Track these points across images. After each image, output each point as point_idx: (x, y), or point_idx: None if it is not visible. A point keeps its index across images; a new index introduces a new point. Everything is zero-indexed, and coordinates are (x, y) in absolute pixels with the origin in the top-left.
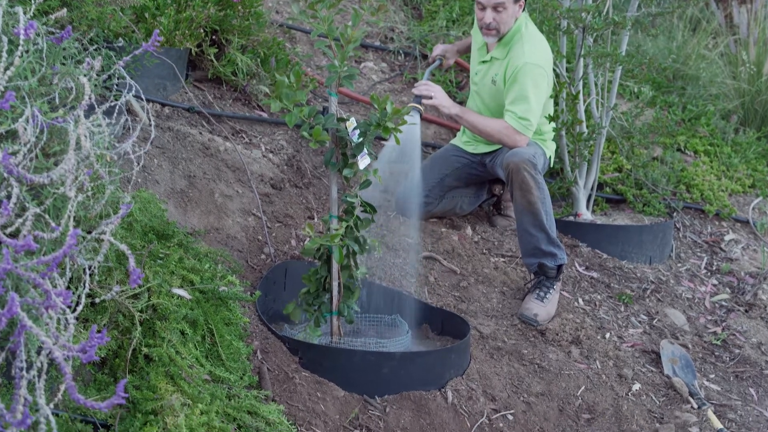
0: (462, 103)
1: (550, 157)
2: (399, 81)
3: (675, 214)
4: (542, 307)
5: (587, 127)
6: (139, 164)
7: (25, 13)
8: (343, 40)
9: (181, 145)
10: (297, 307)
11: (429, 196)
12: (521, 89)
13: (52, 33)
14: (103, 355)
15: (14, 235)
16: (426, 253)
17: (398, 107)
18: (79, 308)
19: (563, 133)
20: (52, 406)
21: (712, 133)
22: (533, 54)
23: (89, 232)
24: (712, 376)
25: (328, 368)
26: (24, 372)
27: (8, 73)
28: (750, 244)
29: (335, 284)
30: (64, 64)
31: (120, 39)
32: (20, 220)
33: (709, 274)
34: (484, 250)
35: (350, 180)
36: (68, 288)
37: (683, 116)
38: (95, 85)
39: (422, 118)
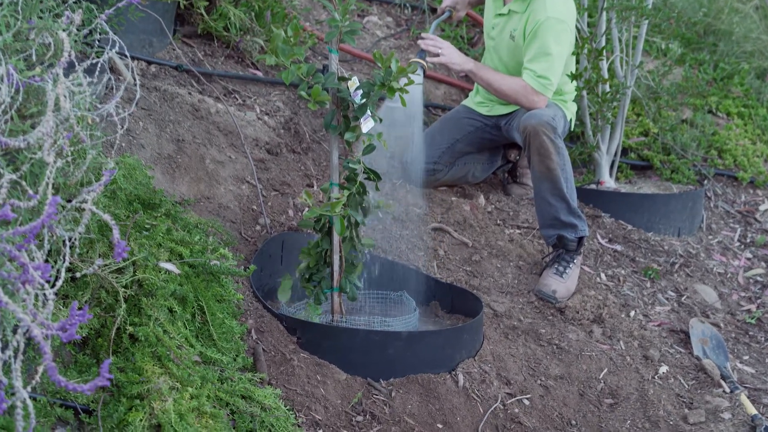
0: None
1: (570, 120)
2: (405, 37)
3: (706, 181)
4: (561, 283)
5: (610, 87)
6: (123, 127)
7: None
8: None
9: (169, 107)
10: (285, 288)
11: (438, 162)
12: (542, 46)
13: None
14: (84, 335)
15: None
16: (435, 224)
17: (404, 66)
18: (59, 283)
19: (585, 93)
20: (29, 389)
21: (747, 93)
22: (555, 8)
23: (69, 201)
24: (746, 357)
25: (328, 349)
26: None
27: None
28: None
29: (336, 258)
30: (41, 17)
31: None
32: None
33: (742, 246)
34: (499, 221)
35: (352, 144)
36: (47, 261)
37: (715, 75)
38: (75, 41)
39: (429, 77)
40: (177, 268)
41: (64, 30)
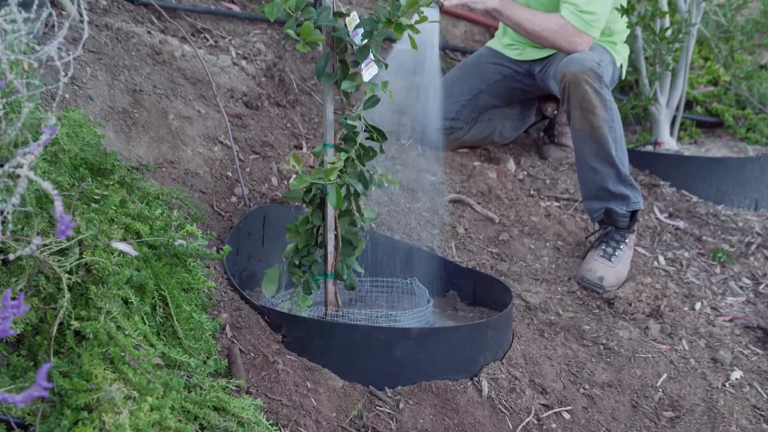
0: None
1: (621, 66)
2: None
3: None
4: (610, 268)
5: (671, 23)
6: (67, 74)
7: None
8: None
9: (123, 49)
10: (271, 279)
11: (458, 118)
12: None
13: None
14: (19, 331)
15: None
16: (453, 195)
17: None
18: None
19: (639, 32)
20: None
21: None
22: None
23: (0, 165)
24: None
25: (321, 350)
26: None
27: None
28: None
29: (331, 237)
30: None
31: None
32: None
33: None
34: (532, 192)
35: (351, 96)
36: None
37: None
38: None
39: (446, 13)
40: (134, 249)
41: None
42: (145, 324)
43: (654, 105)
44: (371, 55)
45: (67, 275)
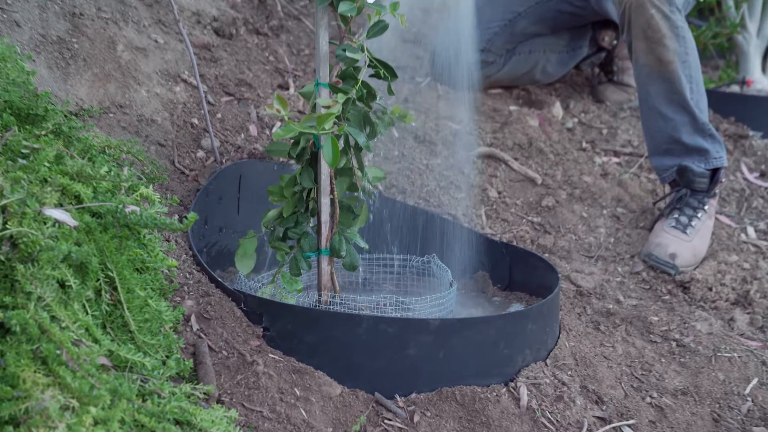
0: None
1: None
2: None
3: None
4: (685, 243)
5: None
6: None
7: None
8: None
9: None
10: (246, 252)
11: (489, 50)
12: None
13: None
14: None
15: None
16: (484, 149)
17: None
18: None
19: None
20: None
21: None
22: None
23: None
24: None
25: (314, 347)
26: None
27: None
28: None
29: (326, 202)
30: None
31: None
32: None
33: None
34: (585, 144)
35: (351, 22)
36: None
37: None
38: None
39: None
40: (72, 218)
41: None
42: (87, 314)
43: (741, 33)
44: None
45: None
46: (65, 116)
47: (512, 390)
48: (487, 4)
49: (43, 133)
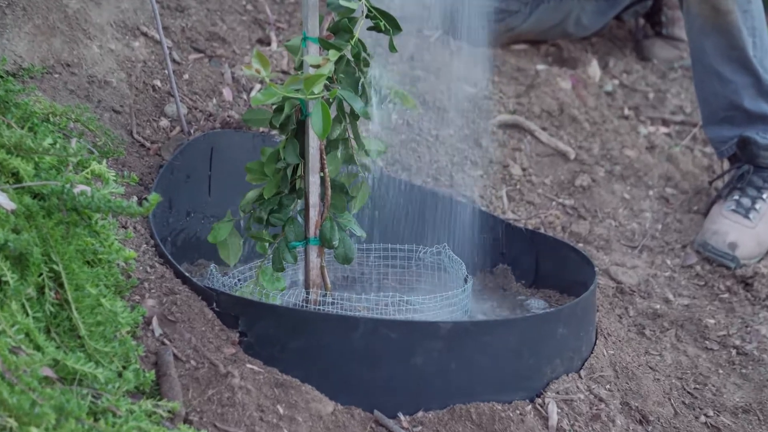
0: None
1: None
2: None
3: None
4: (747, 230)
5: None
6: None
7: None
8: None
9: None
10: (218, 234)
11: None
12: None
13: None
14: None
15: None
16: (506, 117)
17: None
18: None
19: None
20: None
21: None
22: None
23: None
24: None
25: (300, 356)
26: None
27: None
28: None
29: (315, 181)
30: None
31: None
32: None
33: None
34: (627, 111)
35: None
36: None
37: None
38: None
39: None
40: (10, 200)
41: None
42: (27, 315)
43: None
44: None
45: None
46: (0, 77)
47: (539, 407)
48: None
49: None
